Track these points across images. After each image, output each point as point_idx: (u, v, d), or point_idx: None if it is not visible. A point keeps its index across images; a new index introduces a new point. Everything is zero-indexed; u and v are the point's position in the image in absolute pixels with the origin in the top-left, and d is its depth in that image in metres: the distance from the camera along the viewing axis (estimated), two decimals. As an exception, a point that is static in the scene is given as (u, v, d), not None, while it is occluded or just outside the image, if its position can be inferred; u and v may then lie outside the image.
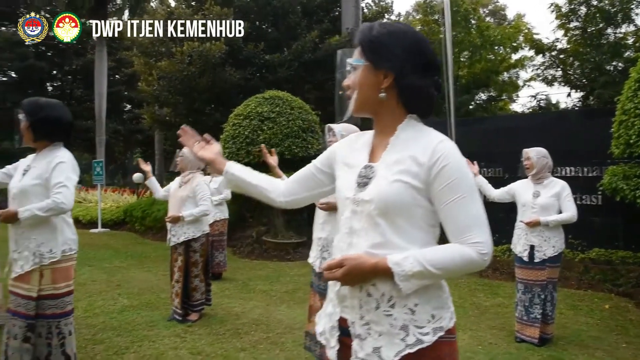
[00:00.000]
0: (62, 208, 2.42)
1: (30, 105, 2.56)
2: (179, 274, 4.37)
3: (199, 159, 1.58)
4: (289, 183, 1.59)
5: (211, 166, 1.57)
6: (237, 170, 1.55)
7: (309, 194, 1.56)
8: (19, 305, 2.45)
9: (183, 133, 1.61)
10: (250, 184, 1.54)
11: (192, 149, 1.59)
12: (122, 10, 21.25)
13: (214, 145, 1.59)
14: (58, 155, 2.53)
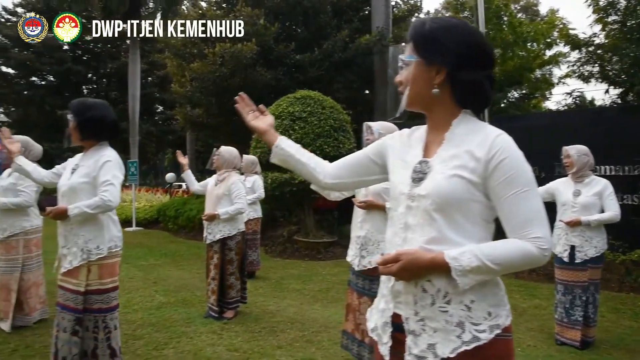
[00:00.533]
0: (109, 205, 2.49)
1: (78, 105, 2.64)
2: (215, 272, 4.43)
3: (252, 128, 1.59)
4: (336, 166, 1.59)
5: (262, 137, 1.58)
6: (288, 145, 1.56)
7: (356, 179, 1.58)
8: (68, 299, 2.52)
9: (240, 100, 1.63)
10: (299, 161, 1.55)
11: (246, 118, 1.60)
12: (155, 14, 21.65)
13: (267, 117, 1.61)
14: (104, 154, 2.60)
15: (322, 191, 3.23)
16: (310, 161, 1.57)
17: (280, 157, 1.57)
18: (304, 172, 1.57)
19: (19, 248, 4.02)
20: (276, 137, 1.57)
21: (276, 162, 1.60)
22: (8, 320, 3.98)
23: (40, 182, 2.89)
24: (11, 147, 2.85)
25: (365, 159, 1.55)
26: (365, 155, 1.56)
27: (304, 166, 1.56)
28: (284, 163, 1.59)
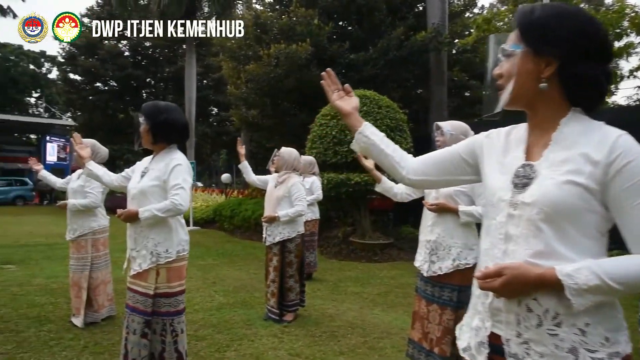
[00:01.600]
0: (179, 209, 2.48)
1: (150, 109, 2.64)
2: (275, 274, 4.39)
3: (336, 108, 1.49)
4: (422, 162, 1.47)
5: (345, 119, 1.48)
6: (372, 132, 1.45)
7: (444, 178, 1.45)
8: (137, 301, 2.53)
9: (325, 77, 1.53)
10: (383, 151, 1.45)
11: (330, 97, 1.51)
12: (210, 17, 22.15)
13: (353, 98, 1.50)
14: (175, 158, 2.60)
15: (390, 191, 3.10)
16: (395, 153, 1.46)
17: (362, 145, 1.46)
18: (386, 163, 1.46)
19: (87, 247, 4.16)
20: (361, 122, 1.47)
21: (357, 150, 1.50)
22: (80, 316, 4.11)
23: (110, 186, 2.93)
24: (82, 152, 2.90)
25: (456, 158, 1.41)
26: (456, 153, 1.42)
27: (387, 158, 1.45)
28: (366, 151, 1.48)
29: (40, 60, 35.32)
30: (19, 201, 24.39)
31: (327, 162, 8.40)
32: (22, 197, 24.77)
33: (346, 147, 8.36)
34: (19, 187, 25.10)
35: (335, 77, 1.52)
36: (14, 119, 27.43)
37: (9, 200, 23.98)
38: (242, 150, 4.56)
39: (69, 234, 4.21)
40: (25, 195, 25.01)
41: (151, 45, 26.26)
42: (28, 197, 25.08)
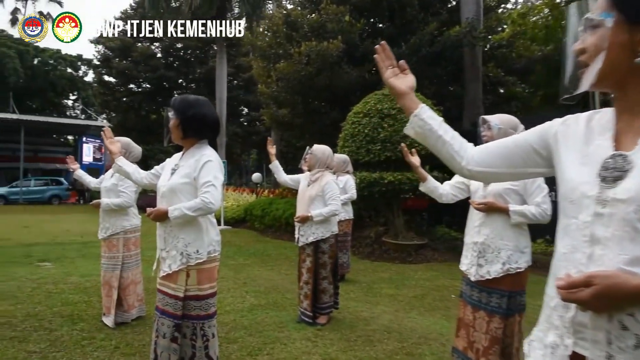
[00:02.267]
0: (210, 208, 2.36)
1: (180, 103, 2.52)
2: (308, 276, 4.24)
3: (390, 86, 1.33)
4: (485, 152, 1.29)
5: (400, 100, 1.32)
6: (430, 116, 1.29)
7: (510, 170, 1.27)
8: (167, 304, 2.42)
9: (380, 50, 1.35)
10: (440, 138, 1.28)
11: (384, 74, 1.34)
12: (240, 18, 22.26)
13: (409, 77, 1.33)
14: (205, 154, 2.48)
15: (435, 191, 2.92)
16: (453, 141, 1.29)
17: (418, 130, 1.30)
18: (444, 152, 1.30)
19: (119, 246, 4.11)
20: (417, 103, 1.30)
21: (411, 135, 1.34)
22: (110, 316, 4.07)
23: (140, 183, 2.84)
24: (112, 147, 2.82)
25: (526, 148, 1.22)
26: (525, 142, 1.23)
27: (445, 145, 1.28)
28: (421, 137, 1.32)
29: (77, 64, 36.25)
30: (54, 200, 25.22)
31: (359, 161, 8.23)
32: (58, 196, 25.64)
33: (379, 145, 8.18)
34: (54, 186, 25.93)
35: (390, 52, 1.35)
36: (52, 121, 28.23)
37: (45, 200, 24.83)
38: (273, 150, 4.44)
39: (101, 232, 4.17)
40: (61, 194, 25.85)
41: (183, 46, 26.60)
42: (63, 197, 25.87)
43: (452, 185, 2.97)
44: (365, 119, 8.48)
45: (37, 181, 25.89)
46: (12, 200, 24.16)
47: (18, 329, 3.95)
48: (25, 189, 24.94)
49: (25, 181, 25.62)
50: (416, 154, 3.04)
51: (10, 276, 6.00)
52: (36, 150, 29.46)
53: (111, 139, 2.84)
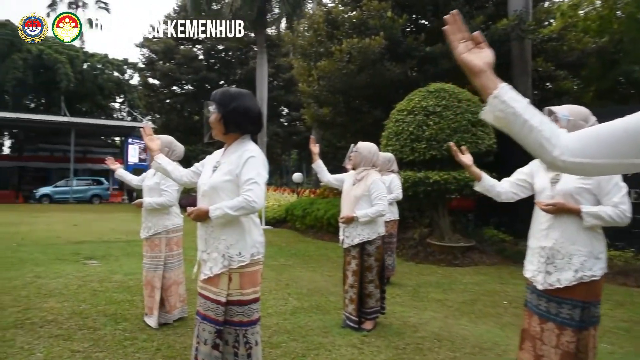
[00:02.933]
0: (253, 207, 2.21)
1: (222, 96, 2.38)
2: (354, 279, 4.06)
3: (463, 63, 1.14)
4: (581, 139, 1.08)
5: (475, 79, 1.13)
6: (512, 97, 1.10)
7: (617, 161, 1.04)
8: (208, 309, 2.30)
9: (451, 21, 1.16)
10: (527, 123, 1.08)
11: (456, 48, 1.16)
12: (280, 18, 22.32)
13: (485, 52, 1.14)
14: (248, 149, 2.33)
15: (492, 190, 2.68)
16: (543, 126, 1.08)
17: (498, 114, 1.11)
18: (531, 139, 1.09)
19: (161, 246, 4.05)
20: (496, 82, 1.11)
21: (489, 120, 1.14)
22: (153, 317, 4.01)
23: (180, 182, 2.72)
24: (151, 144, 2.72)
25: (635, 136, 1.01)
26: (634, 130, 1.02)
27: (532, 132, 1.08)
28: (502, 123, 1.12)
29: (123, 68, 37.38)
30: (95, 199, 26.14)
31: (403, 160, 7.97)
32: (99, 195, 26.61)
33: (424, 143, 7.90)
34: (96, 186, 26.79)
35: (462, 22, 1.16)
36: (100, 123, 29.19)
37: (87, 199, 25.76)
38: (316, 149, 4.26)
39: (143, 232, 4.13)
40: (102, 194, 26.73)
41: (224, 48, 26.93)
42: (104, 196, 26.71)
43: (512, 182, 2.70)
44: (410, 116, 8.21)
45: (80, 181, 26.89)
46: (56, 200, 25.11)
47: (63, 327, 3.95)
48: (67, 188, 25.89)
49: (68, 181, 26.62)
50: (467, 152, 2.82)
51: (58, 273, 6.10)
52: (85, 151, 30.53)
53: (150, 136, 2.74)
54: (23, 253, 7.73)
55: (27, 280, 5.62)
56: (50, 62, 31.09)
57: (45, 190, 25.60)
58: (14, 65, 29.57)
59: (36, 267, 6.54)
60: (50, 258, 7.33)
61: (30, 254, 7.62)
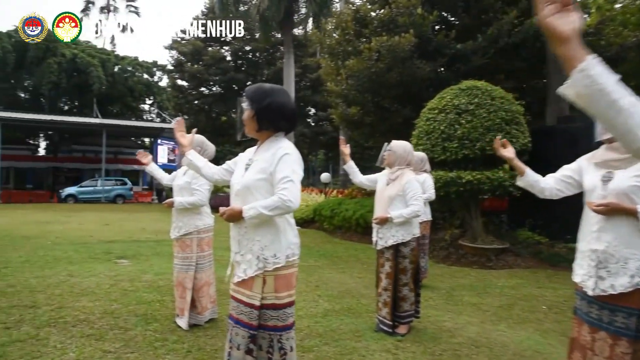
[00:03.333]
0: (288, 206, 2.11)
1: (255, 92, 2.29)
2: (388, 282, 3.94)
3: (547, 29, 1.01)
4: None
5: (559, 47, 1.01)
6: (601, 73, 0.96)
7: None
8: (242, 312, 2.21)
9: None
10: (615, 103, 0.95)
11: (541, 11, 1.02)
12: (307, 18, 22.31)
13: (572, 16, 1.00)
14: (283, 147, 2.24)
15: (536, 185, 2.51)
16: (635, 109, 0.95)
17: (582, 89, 0.98)
18: (619, 122, 0.97)
19: (192, 247, 4.00)
20: (582, 53, 0.98)
21: (570, 96, 1.02)
22: (184, 318, 3.97)
23: (211, 179, 2.63)
24: (183, 140, 2.65)
25: None
26: None
27: (621, 114, 0.95)
28: (585, 100, 1.00)
29: (152, 70, 37.95)
30: (119, 199, 26.52)
31: (434, 160, 7.78)
32: (122, 195, 26.95)
33: (456, 142, 7.70)
34: (119, 186, 27.22)
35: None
36: (130, 124, 29.72)
37: (111, 199, 26.23)
38: (347, 150, 4.14)
39: (174, 232, 4.08)
40: (125, 194, 27.09)
41: (251, 49, 27.08)
42: (127, 196, 27.10)
43: (557, 178, 2.53)
44: (441, 115, 8.02)
45: (104, 181, 27.31)
46: (81, 199, 25.60)
47: (95, 327, 3.94)
48: (91, 188, 26.37)
49: (92, 181, 27.10)
50: (509, 146, 2.68)
51: (91, 272, 6.15)
52: (116, 152, 31.15)
53: (182, 132, 2.67)
54: (57, 251, 7.85)
55: (61, 279, 5.68)
56: (84, 66, 31.81)
57: (70, 190, 26.09)
58: (49, 69, 30.37)
59: (70, 265, 6.62)
60: (83, 257, 7.42)
61: (64, 252, 7.74)
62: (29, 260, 6.91)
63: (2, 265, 6.52)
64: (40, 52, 30.54)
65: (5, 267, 6.39)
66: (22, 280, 5.56)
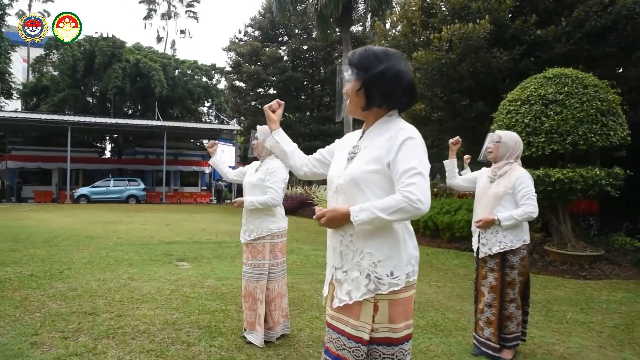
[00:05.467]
0: (417, 208, 1.53)
1: (364, 56, 1.70)
2: (492, 296, 3.30)
3: None
4: None
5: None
6: None
7: None
8: (344, 348, 1.66)
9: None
10: None
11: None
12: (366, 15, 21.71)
13: None
14: (403, 128, 1.66)
15: None
16: None
17: None
18: None
19: (265, 253, 3.51)
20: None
21: None
22: (256, 333, 3.49)
23: (298, 172, 2.04)
24: (272, 115, 2.07)
25: None
26: None
27: None
28: None
29: (211, 73, 38.53)
30: (131, 200, 26.33)
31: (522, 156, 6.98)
32: (135, 196, 26.64)
33: (542, 137, 6.88)
34: (132, 186, 27.02)
35: None
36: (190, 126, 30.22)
37: (123, 199, 26.10)
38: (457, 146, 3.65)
39: (244, 235, 3.61)
40: (137, 194, 26.73)
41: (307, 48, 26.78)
42: (140, 197, 26.73)
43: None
44: (525, 106, 7.22)
45: (117, 181, 27.10)
46: (93, 200, 25.33)
47: (156, 340, 3.55)
48: (104, 189, 26.11)
49: (105, 181, 26.99)
50: None
51: (151, 276, 5.87)
52: (176, 153, 31.76)
53: (271, 106, 2.09)
54: (119, 252, 7.70)
55: (121, 283, 5.40)
56: (146, 70, 32.69)
57: (83, 190, 25.91)
58: (114, 74, 31.43)
59: (130, 268, 6.39)
60: (143, 259, 7.20)
61: (125, 254, 7.57)
62: (91, 262, 6.75)
63: (65, 266, 6.38)
64: (106, 58, 31.67)
65: (69, 268, 6.24)
66: (83, 283, 5.33)
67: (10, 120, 25.72)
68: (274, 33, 27.39)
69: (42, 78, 33.72)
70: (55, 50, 33.21)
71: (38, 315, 4.06)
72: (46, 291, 4.91)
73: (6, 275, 5.63)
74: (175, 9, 49.88)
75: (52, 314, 4.09)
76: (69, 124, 25.30)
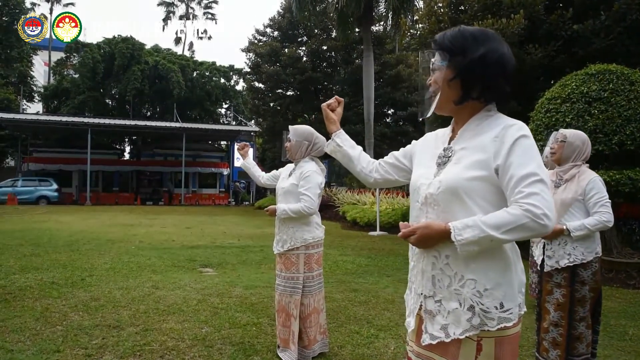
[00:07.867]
0: (544, 225, 1.21)
1: (457, 38, 1.39)
2: (559, 315, 2.95)
3: None
4: None
5: None
6: None
7: None
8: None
9: None
10: None
11: None
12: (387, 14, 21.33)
13: None
14: (513, 125, 1.33)
15: None
16: None
17: None
18: None
19: (299, 265, 3.22)
20: None
21: None
22: (289, 352, 3.20)
23: (367, 177, 1.69)
24: (332, 114, 1.78)
25: None
26: None
27: None
28: None
29: (229, 74, 38.44)
30: (42, 201, 24.37)
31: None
32: (46, 197, 24.78)
33: (587, 136, 6.48)
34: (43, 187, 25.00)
35: None
36: (208, 128, 30.18)
37: (33, 200, 24.13)
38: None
39: (277, 246, 3.32)
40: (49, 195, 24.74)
41: (328, 48, 26.48)
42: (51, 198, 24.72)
43: None
44: (565, 105, 6.82)
45: (26, 182, 25.18)
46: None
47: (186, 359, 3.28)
48: (10, 189, 24.07)
49: (12, 181, 25.04)
50: None
51: (176, 284, 5.62)
52: (195, 155, 31.71)
53: (330, 104, 1.80)
54: (141, 257, 7.49)
55: (146, 292, 5.16)
56: (165, 72, 32.77)
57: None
58: (133, 76, 31.56)
59: (154, 275, 6.15)
60: (167, 264, 6.97)
61: (148, 259, 7.35)
62: (113, 268, 6.54)
63: (87, 272, 6.18)
64: (125, 60, 31.82)
65: (90, 275, 6.03)
66: (106, 292, 5.10)
67: (32, 122, 25.91)
68: (293, 33, 27.10)
69: (63, 81, 34.03)
70: (75, 53, 33.50)
71: (60, 328, 3.82)
72: (68, 301, 4.68)
73: (27, 283, 5.43)
74: (193, 11, 50.08)
75: (74, 327, 3.85)
76: (89, 126, 25.39)
